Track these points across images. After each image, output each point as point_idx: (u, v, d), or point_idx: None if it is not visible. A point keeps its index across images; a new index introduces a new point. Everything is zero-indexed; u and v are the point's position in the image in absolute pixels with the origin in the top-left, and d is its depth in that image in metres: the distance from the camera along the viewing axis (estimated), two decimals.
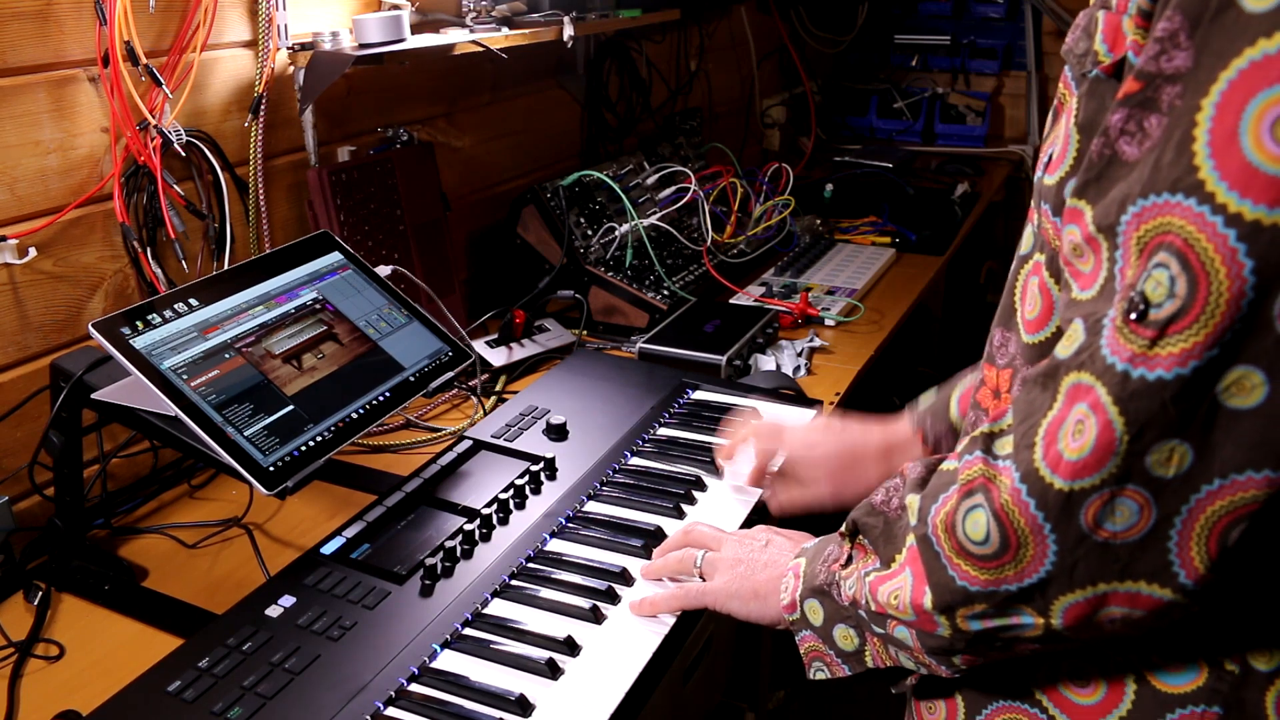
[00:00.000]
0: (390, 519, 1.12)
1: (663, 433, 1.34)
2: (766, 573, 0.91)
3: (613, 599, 1.00)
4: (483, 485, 1.20)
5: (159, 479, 1.33)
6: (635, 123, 2.41)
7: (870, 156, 2.98)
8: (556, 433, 1.30)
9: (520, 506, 1.15)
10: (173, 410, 1.00)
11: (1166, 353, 0.54)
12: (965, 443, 0.69)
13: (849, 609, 0.79)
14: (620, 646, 0.94)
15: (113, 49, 1.22)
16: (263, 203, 1.47)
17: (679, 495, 1.18)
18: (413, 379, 1.24)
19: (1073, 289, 0.63)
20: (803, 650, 0.85)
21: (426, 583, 1.01)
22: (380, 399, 1.18)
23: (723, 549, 0.97)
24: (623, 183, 1.97)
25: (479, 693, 0.87)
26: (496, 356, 1.61)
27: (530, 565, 1.05)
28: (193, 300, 1.11)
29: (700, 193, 2.00)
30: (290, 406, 1.09)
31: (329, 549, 1.06)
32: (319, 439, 1.09)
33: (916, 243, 2.27)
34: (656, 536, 1.09)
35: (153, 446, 1.34)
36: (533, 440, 1.29)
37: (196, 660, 0.89)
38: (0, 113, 1.14)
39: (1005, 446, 0.64)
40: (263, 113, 1.44)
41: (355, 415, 1.15)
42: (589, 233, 1.86)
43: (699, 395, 1.45)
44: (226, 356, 1.09)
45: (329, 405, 1.13)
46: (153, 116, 1.28)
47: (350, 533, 1.08)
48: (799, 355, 1.64)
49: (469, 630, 0.96)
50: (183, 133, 1.32)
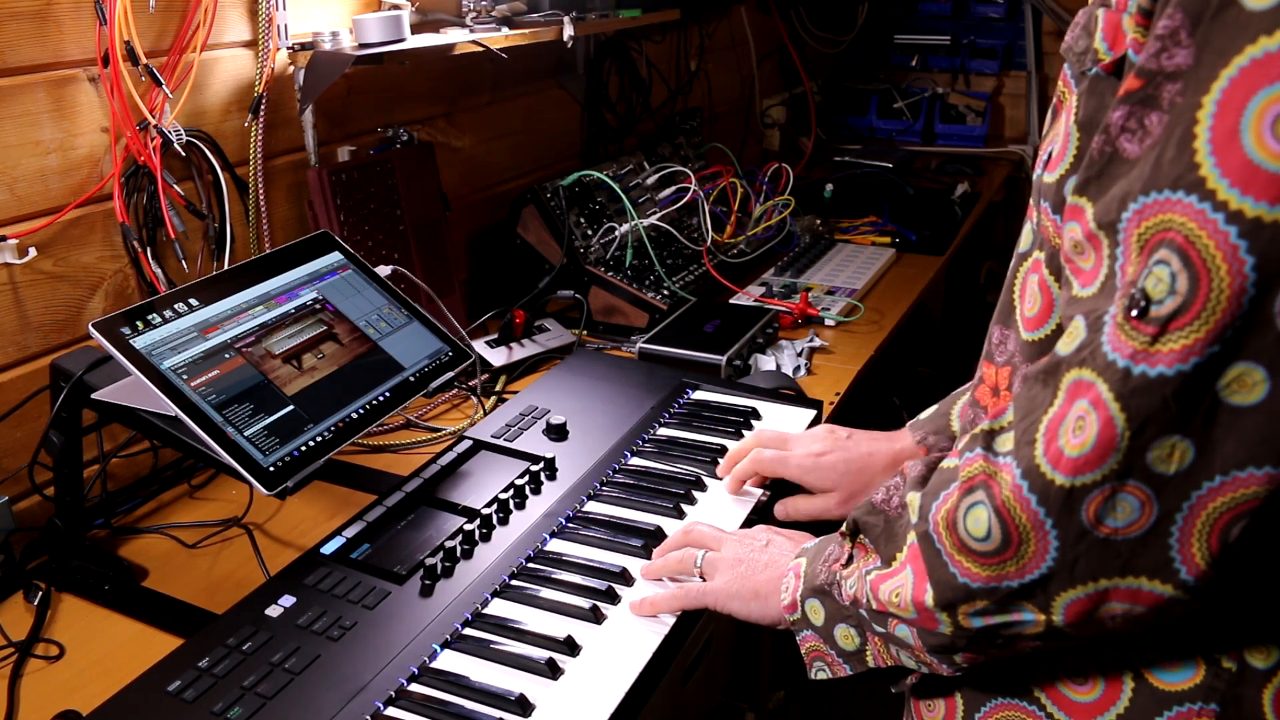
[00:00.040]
0: (390, 519, 1.12)
1: (663, 433, 1.34)
2: (767, 573, 0.91)
3: (613, 599, 1.00)
4: (483, 485, 1.20)
5: (159, 479, 1.33)
6: (635, 123, 2.41)
7: (870, 156, 2.98)
8: (556, 433, 1.30)
9: (520, 506, 1.15)
10: (173, 410, 1.00)
11: (1168, 349, 0.54)
12: (965, 440, 0.69)
13: (850, 608, 0.79)
14: (620, 646, 0.94)
15: (113, 49, 1.22)
16: (263, 203, 1.47)
17: (679, 495, 1.18)
18: (413, 379, 1.23)
19: (1073, 286, 0.63)
20: (804, 650, 0.85)
21: (426, 583, 1.01)
22: (380, 399, 1.18)
23: (723, 549, 0.97)
24: (623, 183, 1.97)
25: (479, 693, 0.87)
26: (496, 356, 1.61)
27: (530, 565, 1.05)
28: (193, 300, 1.11)
29: (700, 193, 2.00)
30: (290, 406, 1.09)
31: (329, 549, 1.06)
32: (319, 439, 1.09)
33: (916, 243, 2.27)
34: (656, 536, 1.08)
35: (153, 446, 1.34)
36: (533, 440, 1.29)
37: (196, 660, 0.89)
38: (0, 113, 1.14)
39: (1006, 443, 0.64)
40: (263, 113, 1.44)
41: (355, 415, 1.14)
42: (589, 233, 1.86)
43: (699, 395, 1.44)
44: (226, 356, 1.09)
45: (329, 405, 1.13)
46: (153, 116, 1.28)
47: (350, 533, 1.08)
48: (799, 355, 1.64)
49: (469, 630, 0.96)
50: (183, 133, 1.32)
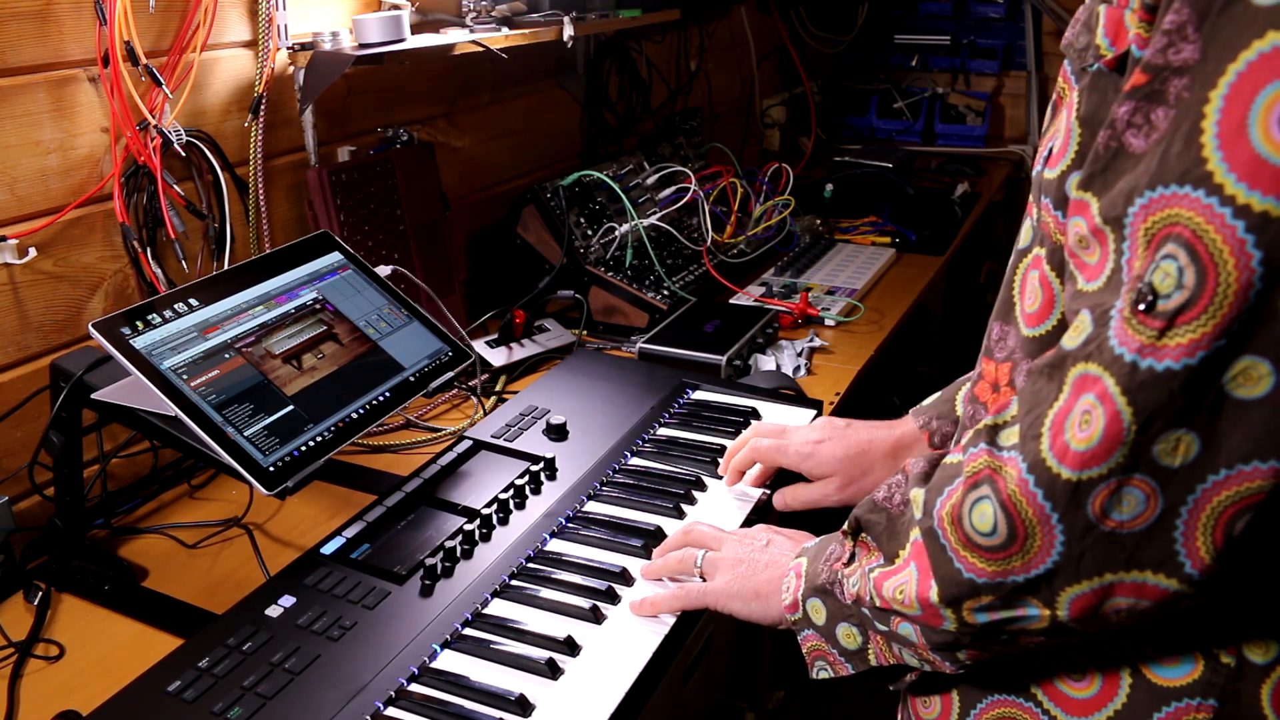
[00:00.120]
0: (390, 519, 1.12)
1: (663, 433, 1.33)
2: (768, 573, 0.91)
3: (613, 599, 1.00)
4: (483, 485, 1.20)
5: (159, 479, 1.33)
6: (635, 123, 2.41)
7: (870, 156, 2.98)
8: (556, 433, 1.30)
9: (520, 506, 1.15)
10: (173, 410, 1.00)
11: (1175, 343, 0.54)
12: (969, 436, 0.69)
13: (852, 607, 0.79)
14: (620, 646, 0.94)
15: (113, 49, 1.21)
16: (263, 203, 1.47)
17: (679, 495, 1.17)
18: (413, 379, 1.23)
19: (1078, 281, 0.63)
20: (805, 650, 0.85)
21: (426, 583, 1.00)
22: (380, 399, 1.18)
23: (723, 549, 0.97)
24: (623, 183, 1.97)
25: (479, 693, 0.87)
26: (496, 356, 1.61)
27: (530, 565, 1.05)
28: (193, 300, 1.11)
29: (700, 193, 2.00)
30: (290, 406, 1.09)
31: (329, 549, 1.05)
32: (319, 439, 1.09)
33: (916, 243, 2.26)
34: (656, 536, 1.08)
35: (153, 446, 1.34)
36: (533, 440, 1.29)
37: (196, 660, 0.89)
38: (0, 113, 1.14)
39: (1010, 438, 0.64)
40: (263, 113, 1.44)
41: (355, 415, 1.14)
42: (589, 233, 1.86)
43: (699, 395, 1.44)
44: (226, 356, 1.08)
45: (329, 405, 1.12)
46: (153, 116, 1.28)
47: (350, 533, 1.08)
48: (799, 355, 1.64)
49: (469, 630, 0.96)
50: (183, 133, 1.32)
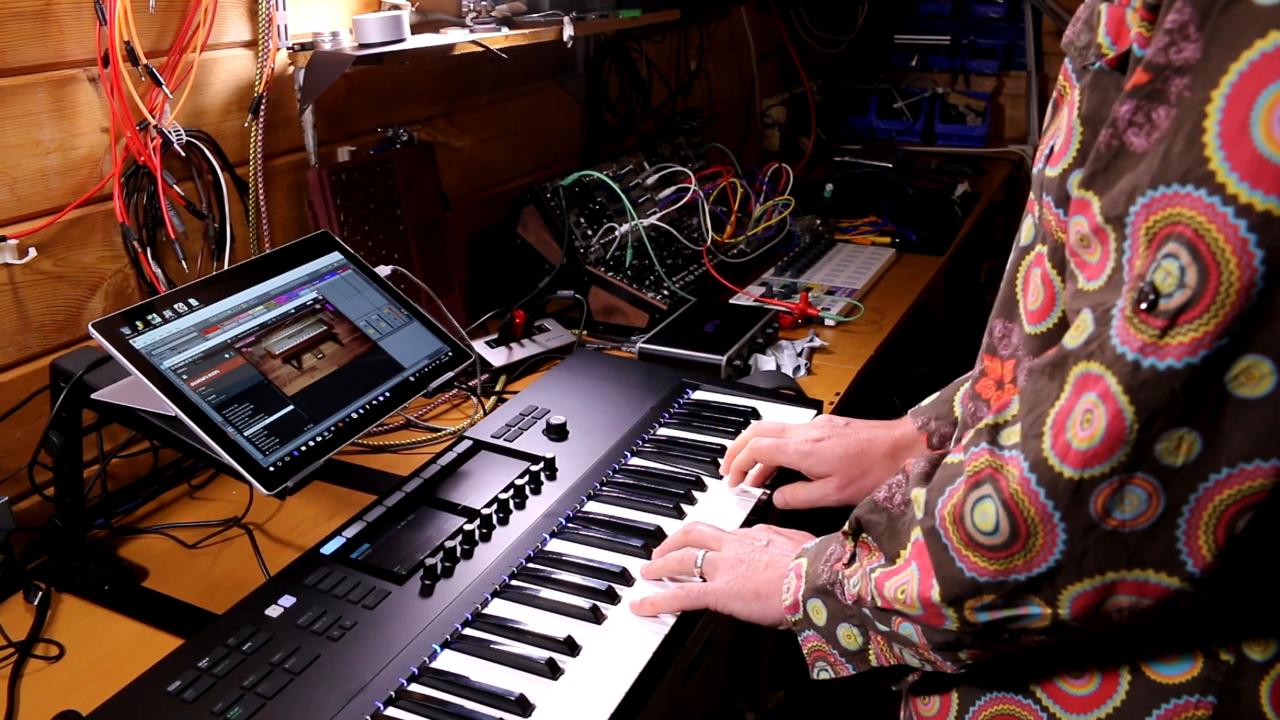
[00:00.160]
0: (390, 519, 1.12)
1: (663, 433, 1.33)
2: (768, 573, 0.90)
3: (613, 599, 1.00)
4: (483, 485, 1.19)
5: (159, 479, 1.33)
6: (635, 123, 2.41)
7: (870, 156, 2.98)
8: (556, 433, 1.30)
9: (520, 506, 1.15)
10: (173, 410, 1.00)
11: (1177, 342, 0.54)
12: (970, 435, 0.69)
13: (853, 608, 0.79)
14: (620, 646, 0.94)
15: (113, 49, 1.21)
16: (263, 203, 1.46)
17: (679, 495, 1.17)
18: (413, 379, 1.23)
19: (1079, 279, 0.63)
20: (806, 650, 0.85)
21: (426, 583, 1.00)
22: (380, 399, 1.18)
23: (723, 549, 0.96)
24: (623, 183, 1.97)
25: (479, 693, 0.87)
26: (496, 356, 1.61)
27: (530, 565, 1.05)
28: (193, 300, 1.11)
29: (700, 193, 2.00)
30: (290, 406, 1.09)
31: (329, 549, 1.05)
32: (319, 439, 1.09)
33: (916, 243, 2.26)
34: (656, 536, 1.08)
35: (153, 446, 1.33)
36: (533, 440, 1.29)
37: (196, 660, 0.89)
38: (0, 113, 1.14)
39: (1012, 436, 0.64)
40: (263, 113, 1.44)
41: (355, 415, 1.14)
42: (589, 233, 1.86)
43: (699, 395, 1.44)
44: (226, 356, 1.08)
45: (329, 405, 1.12)
46: (153, 116, 1.28)
47: (350, 533, 1.08)
48: (799, 355, 1.64)
49: (469, 630, 0.95)
50: (183, 133, 1.32)
